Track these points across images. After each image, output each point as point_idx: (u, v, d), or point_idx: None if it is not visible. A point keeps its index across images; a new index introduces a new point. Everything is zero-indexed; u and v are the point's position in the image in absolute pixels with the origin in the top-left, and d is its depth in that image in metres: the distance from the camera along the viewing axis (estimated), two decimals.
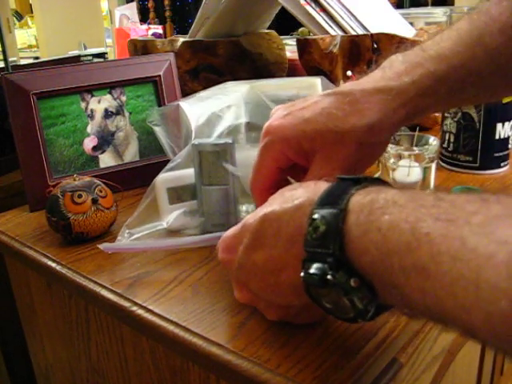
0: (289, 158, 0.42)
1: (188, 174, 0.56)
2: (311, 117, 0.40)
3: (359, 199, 0.30)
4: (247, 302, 0.40)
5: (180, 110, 0.63)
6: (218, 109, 0.61)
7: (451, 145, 0.73)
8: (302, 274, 0.31)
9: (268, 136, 0.42)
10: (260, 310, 0.40)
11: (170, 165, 0.57)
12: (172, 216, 0.56)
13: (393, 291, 0.28)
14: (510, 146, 0.72)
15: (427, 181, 0.56)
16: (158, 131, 0.65)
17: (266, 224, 0.35)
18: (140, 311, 0.43)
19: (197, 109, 0.62)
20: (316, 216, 0.30)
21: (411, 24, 0.97)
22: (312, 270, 0.30)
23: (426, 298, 0.26)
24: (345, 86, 0.42)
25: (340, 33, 0.83)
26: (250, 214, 0.37)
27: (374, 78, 0.42)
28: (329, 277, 0.29)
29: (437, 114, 0.87)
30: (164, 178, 0.57)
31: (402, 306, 0.29)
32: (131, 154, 0.73)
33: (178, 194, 0.57)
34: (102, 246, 0.51)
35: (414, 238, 0.26)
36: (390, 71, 0.41)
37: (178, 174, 0.57)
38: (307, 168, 0.42)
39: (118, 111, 0.72)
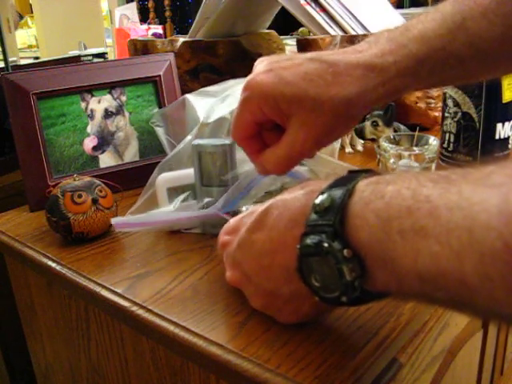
0: (265, 115, 0.43)
1: (188, 173, 0.56)
2: (293, 80, 0.41)
3: (366, 181, 0.31)
4: (236, 284, 0.40)
5: (186, 102, 0.63)
6: (228, 111, 0.61)
7: (451, 145, 0.73)
8: (297, 246, 0.32)
9: (248, 91, 0.43)
10: (247, 296, 0.40)
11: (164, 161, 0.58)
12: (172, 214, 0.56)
13: (383, 263, 0.28)
14: (510, 145, 0.72)
15: None
16: (160, 132, 0.65)
17: (273, 208, 0.36)
18: (140, 311, 0.43)
19: (203, 102, 0.62)
20: (323, 195, 0.32)
21: None
22: (308, 241, 0.31)
23: (418, 260, 0.26)
24: (329, 55, 0.43)
25: (340, 33, 0.83)
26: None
27: (360, 51, 0.43)
28: (325, 244, 0.30)
29: (436, 114, 0.88)
30: (164, 178, 0.57)
31: (389, 282, 0.29)
32: (131, 154, 0.73)
33: (178, 194, 0.57)
34: (113, 221, 0.53)
35: (414, 201, 0.27)
36: (375, 47, 0.42)
37: (178, 174, 0.57)
38: (284, 128, 0.43)
39: (118, 111, 0.72)
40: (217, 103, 0.63)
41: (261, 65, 0.43)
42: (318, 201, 0.32)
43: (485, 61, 0.44)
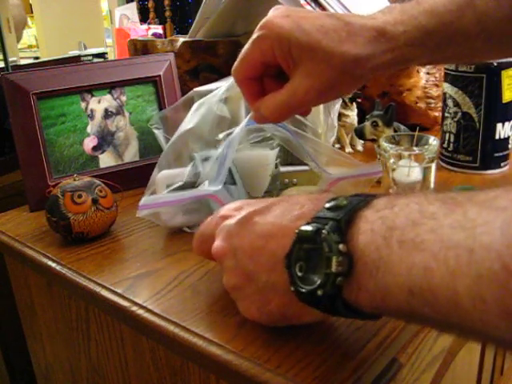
0: (275, 58, 0.43)
1: (189, 172, 0.56)
2: (309, 29, 0.42)
3: (384, 196, 0.32)
4: (219, 255, 0.38)
5: (195, 97, 0.63)
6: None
7: (451, 145, 0.73)
8: (296, 231, 0.32)
9: (264, 29, 0.43)
10: (223, 270, 0.38)
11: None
12: (172, 214, 0.56)
13: (374, 270, 0.28)
14: (510, 145, 0.72)
15: (427, 181, 0.56)
16: (159, 134, 0.65)
17: (285, 201, 0.36)
18: (140, 311, 0.43)
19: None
20: (342, 198, 0.32)
21: None
22: (308, 227, 0.31)
23: (411, 272, 0.26)
24: (347, 15, 0.45)
25: None
26: None
27: (374, 18, 0.44)
28: (323, 232, 0.30)
29: (436, 114, 0.88)
30: (164, 175, 0.57)
31: (373, 294, 0.29)
32: (131, 154, 0.73)
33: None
34: (141, 202, 0.52)
35: (420, 215, 0.27)
36: (389, 16, 0.44)
37: (178, 171, 0.57)
38: (286, 76, 0.44)
39: (118, 111, 0.72)
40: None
41: (277, 11, 0.44)
42: (334, 202, 0.32)
43: (490, 40, 0.45)
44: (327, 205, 0.32)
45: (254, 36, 0.44)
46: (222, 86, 0.60)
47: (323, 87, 0.43)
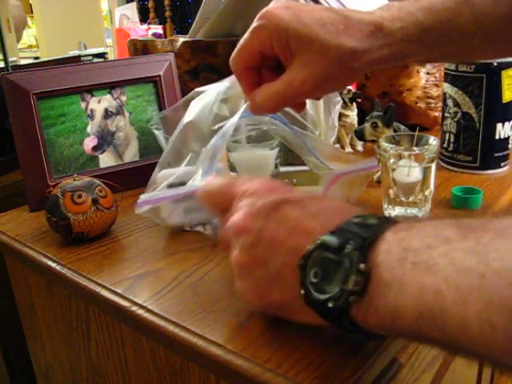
0: (272, 48, 0.44)
1: (189, 171, 0.56)
2: (308, 21, 0.42)
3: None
4: (238, 229, 0.37)
5: (195, 97, 0.63)
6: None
7: (451, 145, 0.73)
8: (319, 236, 0.32)
9: (263, 19, 0.44)
10: (237, 245, 0.37)
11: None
12: (172, 213, 0.56)
13: (387, 290, 0.28)
14: (510, 145, 0.72)
15: (427, 181, 0.56)
16: (159, 135, 0.65)
17: (321, 200, 0.37)
18: (140, 311, 0.43)
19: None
20: (371, 216, 0.33)
21: None
22: (333, 238, 0.31)
23: (422, 295, 0.26)
24: (346, 10, 0.45)
25: None
26: None
27: (372, 13, 0.44)
28: (348, 246, 0.30)
29: (436, 114, 0.88)
30: (165, 174, 0.57)
31: (383, 314, 0.29)
32: (131, 154, 0.73)
33: None
34: (140, 199, 0.53)
35: (435, 239, 0.28)
36: (387, 12, 0.44)
37: (178, 170, 0.57)
38: (283, 69, 0.44)
39: (118, 111, 0.72)
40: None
41: (278, 2, 0.44)
42: (362, 218, 0.32)
43: (487, 39, 0.45)
44: (355, 220, 0.32)
45: (253, 25, 0.44)
46: (222, 86, 0.60)
47: (319, 78, 0.43)
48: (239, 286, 0.38)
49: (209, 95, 0.60)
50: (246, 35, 0.45)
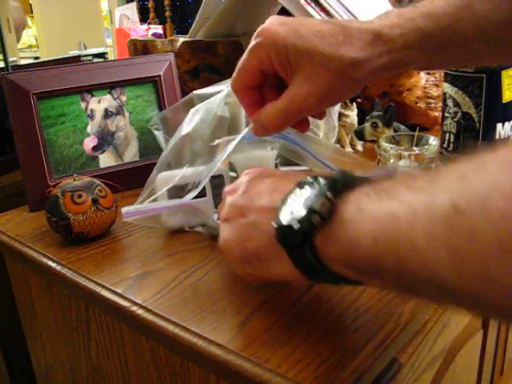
0: (272, 65, 0.44)
1: (188, 173, 0.56)
2: (306, 35, 0.42)
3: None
4: (226, 190, 0.43)
5: (194, 99, 0.63)
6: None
7: (451, 145, 0.73)
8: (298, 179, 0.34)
9: (260, 37, 0.43)
10: (224, 204, 0.42)
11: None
12: (171, 215, 0.57)
13: (347, 221, 0.30)
14: None
15: None
16: (159, 135, 0.65)
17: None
18: (140, 311, 0.44)
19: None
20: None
21: None
22: (309, 178, 0.34)
23: (377, 219, 0.28)
24: (343, 21, 0.45)
25: None
26: None
27: (371, 22, 0.44)
28: (322, 180, 0.33)
29: (436, 114, 0.88)
30: (164, 177, 0.57)
31: (341, 244, 0.31)
32: (131, 154, 0.73)
33: (177, 193, 0.57)
34: (123, 210, 0.53)
35: (402, 177, 0.30)
36: (386, 20, 0.44)
37: (178, 173, 0.57)
38: (286, 86, 0.44)
39: (118, 111, 0.72)
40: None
41: (274, 19, 0.44)
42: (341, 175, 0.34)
43: (488, 43, 0.45)
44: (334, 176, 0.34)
45: (251, 44, 0.44)
46: (223, 91, 0.60)
47: (322, 92, 0.43)
48: (222, 238, 0.40)
49: (209, 104, 0.59)
50: (244, 55, 0.45)
